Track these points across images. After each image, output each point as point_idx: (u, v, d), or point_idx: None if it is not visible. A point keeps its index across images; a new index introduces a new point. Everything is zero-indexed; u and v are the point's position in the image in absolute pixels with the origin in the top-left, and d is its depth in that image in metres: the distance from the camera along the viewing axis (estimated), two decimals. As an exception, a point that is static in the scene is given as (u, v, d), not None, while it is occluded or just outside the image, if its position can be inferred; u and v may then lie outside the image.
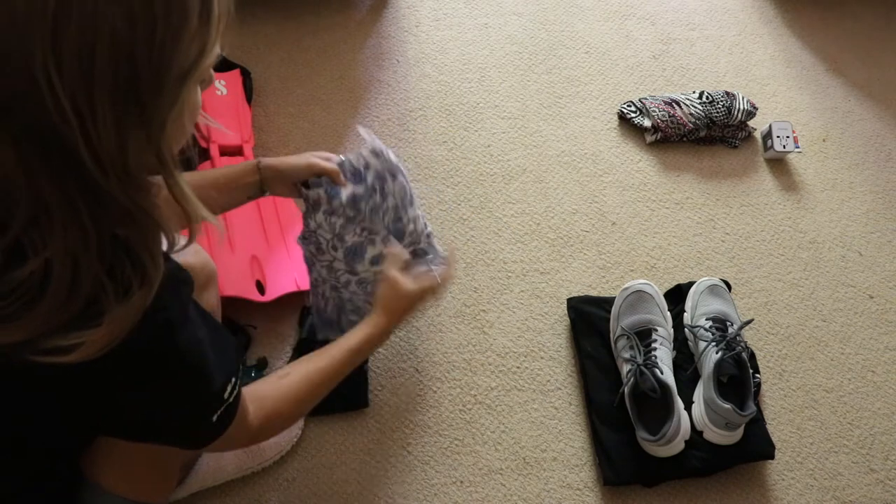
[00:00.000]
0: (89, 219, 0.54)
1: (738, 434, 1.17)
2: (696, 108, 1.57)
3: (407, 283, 1.02)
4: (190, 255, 0.85)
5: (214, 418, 0.72)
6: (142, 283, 0.57)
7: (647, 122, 1.57)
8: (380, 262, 1.06)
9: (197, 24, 0.53)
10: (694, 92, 1.61)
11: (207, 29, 0.55)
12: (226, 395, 0.72)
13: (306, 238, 1.05)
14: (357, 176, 1.01)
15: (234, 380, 0.73)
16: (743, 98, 1.59)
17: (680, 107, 1.57)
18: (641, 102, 1.59)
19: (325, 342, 0.97)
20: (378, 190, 1.02)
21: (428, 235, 1.13)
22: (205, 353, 0.68)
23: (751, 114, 1.59)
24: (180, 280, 0.65)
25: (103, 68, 0.51)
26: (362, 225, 1.03)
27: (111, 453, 0.78)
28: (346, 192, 0.99)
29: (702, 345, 1.21)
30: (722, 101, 1.58)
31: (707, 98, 1.58)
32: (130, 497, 0.78)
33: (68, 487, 0.77)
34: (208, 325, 0.70)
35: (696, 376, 1.23)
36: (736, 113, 1.57)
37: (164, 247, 0.61)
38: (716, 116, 1.56)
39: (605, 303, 1.30)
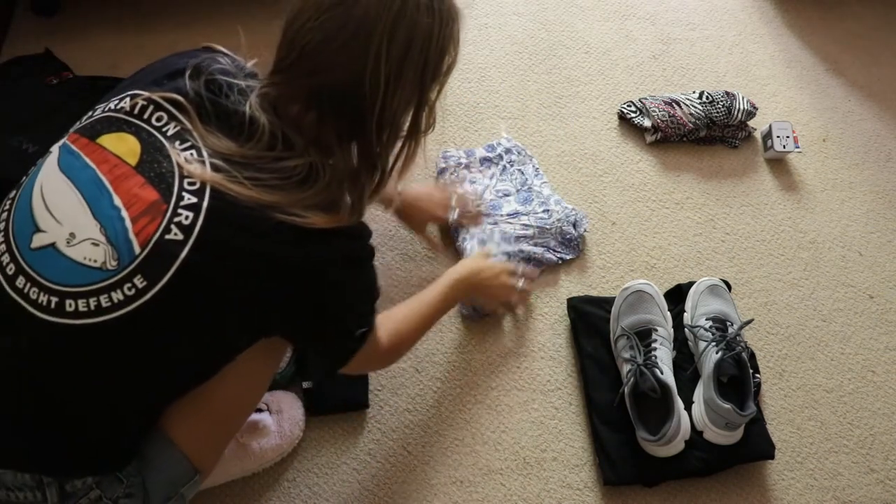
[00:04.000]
0: (348, 157, 0.82)
1: (738, 434, 1.17)
2: (696, 108, 1.57)
3: (484, 259, 1.24)
4: None
5: (358, 333, 0.88)
6: (359, 211, 0.82)
7: (647, 122, 1.57)
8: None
9: (458, 40, 0.84)
10: (694, 92, 1.61)
11: (459, 43, 0.84)
12: (372, 318, 0.91)
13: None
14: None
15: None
16: (743, 98, 1.59)
17: (680, 107, 1.57)
18: (641, 102, 1.59)
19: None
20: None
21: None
22: (374, 273, 0.88)
23: (751, 114, 1.59)
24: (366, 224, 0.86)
25: (414, 57, 0.78)
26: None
27: (188, 406, 0.83)
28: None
29: (702, 345, 1.21)
30: (722, 101, 1.58)
31: (707, 98, 1.58)
32: (186, 451, 0.84)
33: (142, 431, 0.82)
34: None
35: (696, 376, 1.23)
36: (736, 113, 1.57)
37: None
38: (716, 116, 1.56)
39: (605, 303, 1.30)
